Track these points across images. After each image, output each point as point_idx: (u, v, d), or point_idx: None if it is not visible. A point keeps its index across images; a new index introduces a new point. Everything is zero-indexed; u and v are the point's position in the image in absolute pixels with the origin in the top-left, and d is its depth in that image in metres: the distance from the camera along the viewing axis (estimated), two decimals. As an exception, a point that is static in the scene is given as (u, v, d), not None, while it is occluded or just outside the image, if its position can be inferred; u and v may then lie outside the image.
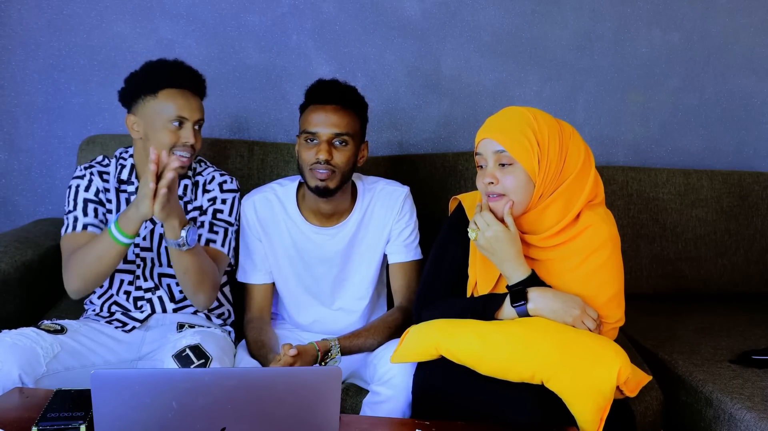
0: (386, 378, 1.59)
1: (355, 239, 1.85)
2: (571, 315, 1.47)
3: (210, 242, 1.80)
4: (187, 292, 1.74)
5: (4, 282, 1.86)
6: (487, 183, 1.52)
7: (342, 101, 1.74)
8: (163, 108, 1.72)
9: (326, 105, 1.72)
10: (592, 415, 1.37)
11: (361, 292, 1.88)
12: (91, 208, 1.77)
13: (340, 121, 1.71)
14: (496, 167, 1.52)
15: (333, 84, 1.78)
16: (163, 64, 1.79)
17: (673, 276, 2.49)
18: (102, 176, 1.81)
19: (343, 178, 1.74)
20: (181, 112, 1.72)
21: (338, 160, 1.71)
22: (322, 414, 1.13)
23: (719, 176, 2.54)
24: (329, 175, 1.71)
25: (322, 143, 1.70)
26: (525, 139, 1.50)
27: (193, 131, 1.74)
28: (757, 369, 1.87)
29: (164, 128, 1.72)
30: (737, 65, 2.68)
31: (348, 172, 1.75)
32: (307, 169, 1.73)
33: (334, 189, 1.73)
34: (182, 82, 1.76)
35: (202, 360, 1.56)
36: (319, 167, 1.70)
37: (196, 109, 1.76)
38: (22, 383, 1.48)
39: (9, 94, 2.42)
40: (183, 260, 1.66)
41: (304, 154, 1.73)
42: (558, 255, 1.55)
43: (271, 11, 2.45)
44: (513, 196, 1.51)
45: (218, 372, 1.25)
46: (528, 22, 2.55)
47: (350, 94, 1.78)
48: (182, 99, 1.73)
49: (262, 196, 1.86)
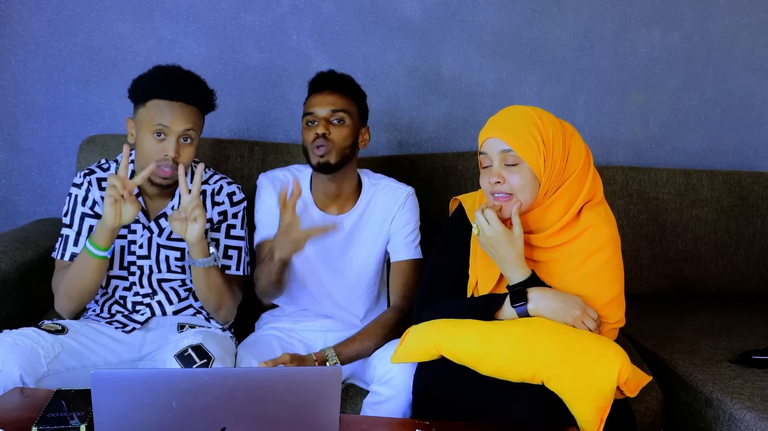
0: (386, 378, 1.60)
1: (356, 230, 1.87)
2: (571, 316, 1.47)
3: (225, 269, 1.82)
4: (210, 308, 1.79)
5: (4, 282, 1.86)
6: (494, 182, 1.52)
7: (338, 87, 1.84)
8: (148, 118, 1.69)
9: (324, 90, 1.83)
10: (593, 415, 1.37)
11: (359, 287, 1.89)
12: (86, 226, 1.78)
13: (335, 100, 1.81)
14: (501, 166, 1.52)
15: (330, 73, 1.88)
16: (160, 71, 1.75)
17: (673, 276, 2.49)
18: (100, 184, 1.80)
19: (342, 154, 1.79)
20: (162, 123, 1.67)
21: (335, 135, 1.78)
22: (322, 414, 1.13)
23: (719, 176, 2.54)
24: (328, 150, 1.77)
25: (319, 120, 1.79)
26: (531, 138, 1.50)
27: (176, 144, 1.68)
28: (757, 369, 1.87)
29: (147, 139, 1.69)
30: (737, 65, 2.68)
31: (347, 149, 1.81)
32: (309, 148, 1.80)
33: (334, 164, 1.79)
34: (171, 93, 1.69)
35: (204, 360, 1.56)
36: (317, 143, 1.77)
37: (182, 121, 1.68)
38: (23, 383, 1.48)
39: (9, 94, 2.42)
40: (210, 278, 1.72)
41: (305, 135, 1.82)
42: (559, 256, 1.55)
43: (271, 11, 2.45)
44: (520, 195, 1.51)
45: (218, 372, 1.25)
46: (528, 22, 2.55)
47: (346, 81, 1.87)
48: (168, 110, 1.67)
49: (281, 172, 1.94)
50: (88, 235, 1.72)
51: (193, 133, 1.72)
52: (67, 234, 1.79)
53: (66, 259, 1.77)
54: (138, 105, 1.72)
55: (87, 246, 1.65)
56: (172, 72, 1.76)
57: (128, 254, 1.80)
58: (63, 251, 1.78)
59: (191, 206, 1.64)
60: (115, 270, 1.80)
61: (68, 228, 1.79)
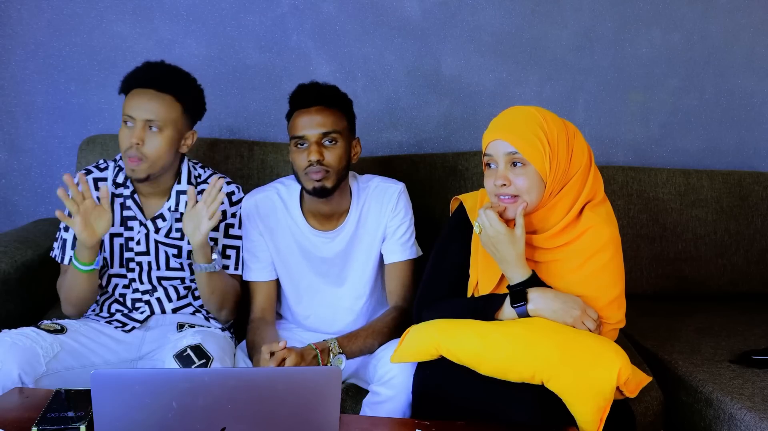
0: (386, 378, 1.59)
1: (354, 239, 1.85)
2: (571, 316, 1.47)
3: (224, 268, 1.82)
4: (212, 309, 1.81)
5: (4, 282, 1.87)
6: (500, 185, 1.51)
7: (324, 101, 1.74)
8: (123, 108, 1.71)
9: (309, 108, 1.72)
10: (592, 415, 1.37)
11: (359, 291, 1.88)
12: None
13: (325, 120, 1.71)
14: (507, 169, 1.51)
15: (313, 86, 1.78)
16: (145, 64, 1.77)
17: (673, 276, 2.49)
18: (97, 184, 1.80)
19: (338, 176, 1.74)
20: (129, 111, 1.68)
21: (330, 159, 1.71)
22: (322, 414, 1.13)
23: (719, 176, 2.54)
24: (324, 175, 1.71)
25: (311, 145, 1.71)
26: (537, 139, 1.49)
27: (140, 131, 1.66)
28: (757, 369, 1.87)
29: (120, 129, 1.70)
30: (737, 65, 2.68)
31: (342, 169, 1.75)
32: (302, 173, 1.73)
33: (331, 188, 1.73)
34: (144, 81, 1.70)
35: (203, 360, 1.56)
36: (312, 169, 1.70)
37: (147, 109, 1.67)
38: (22, 382, 1.49)
39: (9, 94, 2.42)
40: (212, 282, 1.73)
41: (296, 160, 1.74)
42: (560, 256, 1.55)
43: (271, 11, 2.45)
44: (525, 197, 1.51)
45: (218, 372, 1.25)
46: (528, 22, 2.55)
47: (331, 92, 1.78)
48: (136, 98, 1.69)
49: (264, 195, 1.86)
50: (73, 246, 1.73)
51: (160, 124, 1.69)
52: (65, 237, 1.79)
53: (66, 263, 1.77)
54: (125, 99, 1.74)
55: (73, 263, 1.66)
56: (153, 64, 1.77)
57: (126, 251, 1.80)
58: (62, 255, 1.79)
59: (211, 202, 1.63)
60: (115, 269, 1.80)
61: (65, 232, 1.80)
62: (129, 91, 1.72)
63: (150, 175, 1.71)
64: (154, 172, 1.71)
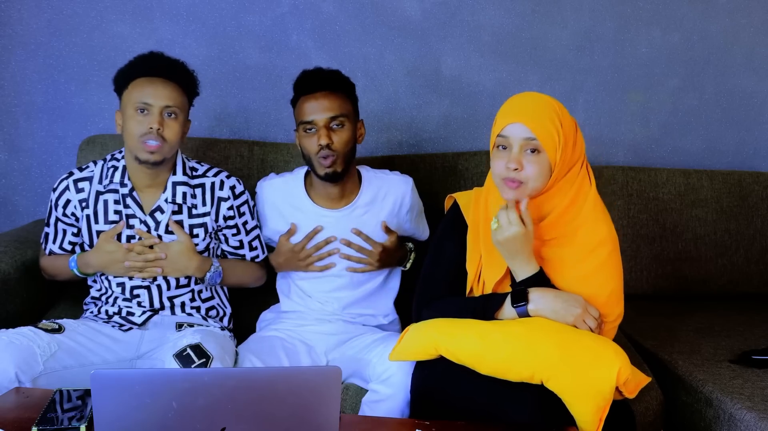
0: (385, 376, 1.60)
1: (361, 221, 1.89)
2: (572, 315, 1.47)
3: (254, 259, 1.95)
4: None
5: (4, 282, 1.86)
6: (513, 168, 1.49)
7: (330, 86, 1.80)
8: (131, 97, 1.72)
9: (316, 92, 1.78)
10: (592, 415, 1.37)
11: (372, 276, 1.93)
12: (60, 228, 1.87)
13: (332, 105, 1.77)
14: (521, 153, 1.50)
15: (317, 72, 1.84)
16: (139, 56, 1.80)
17: (673, 276, 2.48)
18: (77, 185, 1.83)
19: (346, 159, 1.80)
20: (144, 99, 1.70)
21: (338, 143, 1.77)
22: (322, 414, 1.13)
23: (719, 176, 2.54)
24: (334, 160, 1.77)
25: (320, 129, 1.76)
26: (553, 128, 1.49)
27: (159, 117, 1.70)
28: (757, 369, 1.87)
29: (131, 118, 1.72)
30: (737, 65, 2.68)
31: (350, 151, 1.81)
32: (314, 158, 1.79)
33: (342, 172, 1.80)
34: (151, 70, 1.74)
35: (203, 360, 1.56)
36: (323, 153, 1.76)
37: (163, 96, 1.71)
38: (19, 381, 1.49)
39: (9, 94, 2.42)
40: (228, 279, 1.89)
41: (306, 145, 1.79)
42: (558, 253, 1.55)
43: (271, 11, 2.45)
44: (531, 183, 1.50)
45: (218, 372, 1.25)
46: (528, 22, 2.55)
47: (336, 77, 1.84)
48: (149, 86, 1.71)
49: (269, 182, 1.96)
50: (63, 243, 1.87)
51: (176, 110, 1.73)
52: (47, 231, 1.88)
53: (47, 253, 1.90)
54: (122, 92, 1.75)
55: (72, 267, 1.79)
56: (149, 54, 1.80)
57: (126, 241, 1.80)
58: (45, 245, 1.90)
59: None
60: None
61: (47, 228, 1.88)
62: (130, 81, 1.73)
63: (165, 158, 1.75)
64: (169, 156, 1.76)
